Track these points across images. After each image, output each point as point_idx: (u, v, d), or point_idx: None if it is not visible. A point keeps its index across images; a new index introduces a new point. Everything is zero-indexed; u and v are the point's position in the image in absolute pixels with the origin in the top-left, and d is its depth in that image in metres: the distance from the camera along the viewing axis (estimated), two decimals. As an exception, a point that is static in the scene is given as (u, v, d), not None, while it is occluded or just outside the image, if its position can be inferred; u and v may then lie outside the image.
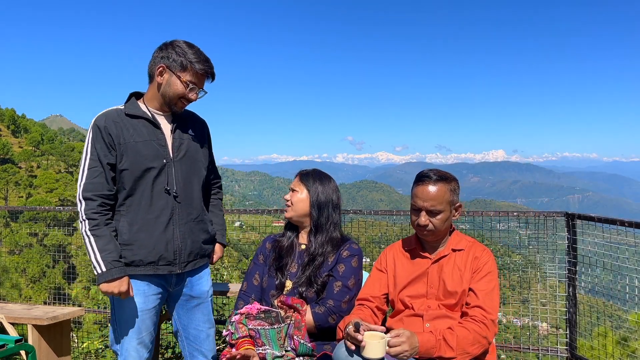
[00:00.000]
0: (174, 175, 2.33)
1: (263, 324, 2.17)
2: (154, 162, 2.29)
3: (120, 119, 2.30)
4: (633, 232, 3.20)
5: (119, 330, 2.37)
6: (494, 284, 2.17)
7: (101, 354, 5.00)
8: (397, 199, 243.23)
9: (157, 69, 2.28)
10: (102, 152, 2.26)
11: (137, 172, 2.27)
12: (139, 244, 2.27)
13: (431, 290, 2.23)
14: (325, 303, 2.26)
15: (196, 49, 2.29)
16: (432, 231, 2.22)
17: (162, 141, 2.33)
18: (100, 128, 2.27)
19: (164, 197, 2.31)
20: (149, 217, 2.29)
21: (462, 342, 1.99)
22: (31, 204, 67.17)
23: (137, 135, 2.29)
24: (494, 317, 2.10)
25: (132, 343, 2.33)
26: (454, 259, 2.25)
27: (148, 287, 2.35)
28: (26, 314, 3.77)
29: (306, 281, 2.31)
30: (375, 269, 2.41)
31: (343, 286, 2.30)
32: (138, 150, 2.27)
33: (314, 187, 2.41)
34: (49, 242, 7.32)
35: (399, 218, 4.52)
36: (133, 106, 2.35)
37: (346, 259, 2.34)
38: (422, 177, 2.22)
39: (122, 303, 2.32)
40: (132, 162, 2.27)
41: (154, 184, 2.30)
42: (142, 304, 2.33)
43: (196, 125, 2.50)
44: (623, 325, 4.19)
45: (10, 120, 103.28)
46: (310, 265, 2.33)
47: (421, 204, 2.19)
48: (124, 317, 2.34)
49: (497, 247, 5.32)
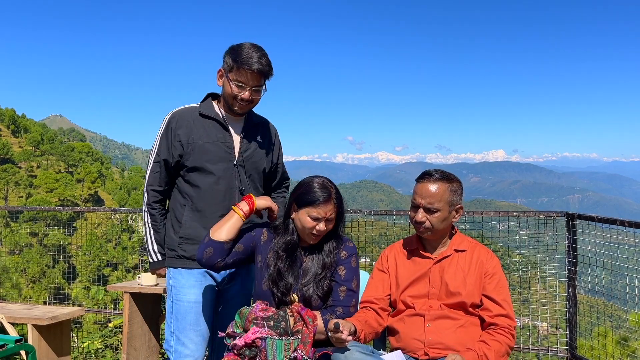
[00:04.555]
0: (240, 177, 2.41)
1: (272, 333, 2.07)
2: (219, 163, 2.37)
3: (193, 118, 2.40)
4: (633, 232, 3.20)
5: (175, 324, 2.40)
6: (507, 287, 2.24)
7: (101, 354, 5.00)
8: (397, 199, 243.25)
9: (218, 73, 2.37)
10: (163, 149, 2.40)
11: (204, 171, 2.36)
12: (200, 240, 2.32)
13: (433, 290, 2.24)
14: (334, 311, 2.21)
15: (249, 49, 2.28)
16: (429, 229, 2.23)
17: (229, 143, 2.40)
18: (170, 125, 2.40)
19: (228, 197, 2.38)
20: (214, 215, 2.35)
21: (497, 356, 2.07)
22: (31, 204, 67.19)
23: (206, 136, 2.38)
24: (515, 322, 2.20)
25: (189, 335, 2.37)
26: (457, 260, 2.26)
27: (204, 278, 2.42)
28: (26, 314, 3.77)
29: (314, 289, 2.22)
30: (377, 269, 2.41)
31: (348, 290, 2.25)
32: (206, 150, 2.36)
33: (343, 209, 2.30)
34: (49, 242, 7.33)
35: (399, 218, 4.52)
36: (207, 106, 2.44)
37: (345, 260, 2.29)
38: (425, 174, 2.26)
39: (179, 294, 2.39)
40: (200, 161, 2.36)
41: (219, 184, 2.37)
42: (199, 295, 2.39)
43: (266, 132, 2.56)
44: (623, 325, 4.19)
45: (10, 120, 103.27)
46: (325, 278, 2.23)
47: (420, 200, 2.22)
48: (181, 308, 2.39)
49: (497, 247, 5.32)
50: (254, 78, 2.28)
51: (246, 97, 2.32)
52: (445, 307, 2.20)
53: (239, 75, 2.27)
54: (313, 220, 2.17)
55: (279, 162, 2.67)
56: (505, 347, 2.12)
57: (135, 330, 3.79)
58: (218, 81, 2.40)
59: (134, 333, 3.78)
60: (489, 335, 2.13)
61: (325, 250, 2.27)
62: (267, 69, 2.29)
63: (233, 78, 2.29)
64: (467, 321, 2.19)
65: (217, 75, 2.39)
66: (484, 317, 2.19)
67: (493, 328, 2.15)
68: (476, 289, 2.20)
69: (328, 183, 2.23)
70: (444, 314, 2.19)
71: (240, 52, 2.27)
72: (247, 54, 2.26)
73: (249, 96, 2.32)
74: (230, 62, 2.29)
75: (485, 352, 2.06)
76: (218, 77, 2.39)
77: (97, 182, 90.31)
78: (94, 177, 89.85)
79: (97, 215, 7.36)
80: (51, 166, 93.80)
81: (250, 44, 2.31)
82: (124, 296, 3.78)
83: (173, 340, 2.40)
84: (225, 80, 2.34)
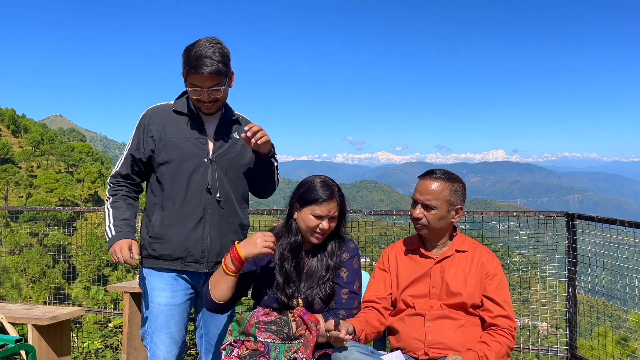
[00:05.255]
0: (211, 174, 2.35)
1: (274, 337, 2.07)
2: (191, 159, 2.33)
3: (166, 115, 2.37)
4: (633, 232, 3.20)
5: (148, 324, 2.40)
6: (508, 288, 2.24)
7: (101, 354, 5.00)
8: (397, 199, 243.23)
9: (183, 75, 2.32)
10: (133, 144, 2.37)
11: (173, 168, 2.32)
12: (169, 238, 2.31)
13: (434, 290, 2.24)
14: (337, 314, 2.19)
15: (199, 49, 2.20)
16: (425, 226, 2.24)
17: (202, 140, 2.36)
18: (143, 121, 2.38)
19: (198, 195, 2.33)
20: (182, 213, 2.32)
21: (498, 357, 2.08)
22: (31, 204, 67.17)
23: (179, 132, 2.34)
24: (516, 324, 2.20)
25: (160, 336, 2.36)
26: (458, 260, 2.26)
27: (176, 282, 2.38)
28: (26, 314, 3.77)
29: (317, 289, 2.21)
30: (378, 269, 2.41)
31: (350, 292, 2.24)
32: (177, 146, 2.32)
33: (345, 205, 2.28)
34: (49, 242, 7.34)
35: (399, 218, 4.52)
36: (181, 103, 2.40)
37: (347, 262, 2.27)
38: (427, 172, 2.28)
39: (150, 296, 2.37)
40: (170, 157, 2.32)
41: (190, 181, 2.32)
42: (169, 298, 2.36)
43: (242, 129, 2.46)
44: (623, 325, 4.19)
45: (10, 120, 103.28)
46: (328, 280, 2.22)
47: (418, 196, 2.24)
48: (153, 311, 2.37)
49: (497, 247, 5.32)
50: (208, 79, 2.21)
51: (205, 99, 2.27)
52: (446, 307, 2.20)
53: (194, 79, 2.23)
54: (316, 218, 2.16)
55: None
56: (506, 348, 2.12)
57: (135, 330, 3.79)
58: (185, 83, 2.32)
59: (134, 333, 3.78)
60: (490, 336, 2.13)
61: (328, 251, 2.25)
62: (219, 67, 2.19)
63: (189, 82, 2.25)
64: (468, 321, 2.20)
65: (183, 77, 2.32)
66: (484, 317, 2.19)
67: (494, 329, 2.15)
68: (477, 290, 2.20)
69: (330, 181, 2.23)
70: (444, 314, 2.19)
71: (191, 55, 2.21)
72: (196, 56, 2.19)
73: (207, 98, 2.27)
74: (184, 65, 2.25)
75: (485, 353, 2.06)
76: (184, 80, 2.31)
77: (97, 182, 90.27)
78: (94, 177, 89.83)
79: (97, 215, 7.36)
80: (51, 166, 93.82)
81: (204, 40, 2.23)
82: (124, 296, 3.78)
83: (147, 339, 2.42)
84: (186, 83, 2.29)
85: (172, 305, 2.36)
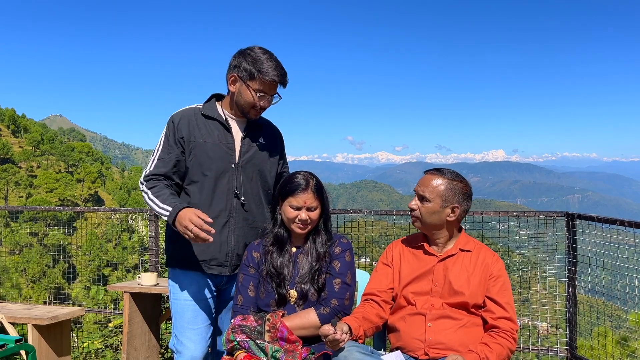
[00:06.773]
0: (237, 179, 2.38)
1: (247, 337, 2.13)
2: (218, 163, 2.35)
3: (195, 118, 2.40)
4: (633, 232, 3.20)
5: (175, 323, 2.42)
6: (511, 291, 2.26)
7: (101, 354, 5.00)
8: (397, 198, 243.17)
9: (230, 78, 2.34)
10: (165, 147, 2.38)
11: (201, 171, 2.36)
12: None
13: (436, 288, 2.24)
14: (329, 303, 2.25)
15: (267, 57, 2.28)
16: (417, 218, 2.28)
17: (230, 145, 2.39)
18: (172, 123, 2.39)
19: (224, 199, 2.37)
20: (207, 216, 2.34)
21: (499, 359, 2.08)
22: (31, 204, 67.18)
23: (208, 136, 2.37)
24: (518, 326, 2.22)
25: (187, 333, 2.37)
26: (462, 259, 2.26)
27: (202, 278, 2.42)
28: (26, 314, 3.78)
29: (310, 282, 2.28)
30: (381, 263, 2.42)
31: (342, 283, 2.29)
32: (206, 150, 2.35)
33: (326, 200, 2.36)
34: (49, 242, 7.34)
35: (399, 218, 4.52)
36: (210, 107, 2.43)
37: (339, 255, 2.34)
38: (434, 168, 2.32)
39: (177, 293, 2.41)
40: (198, 161, 2.36)
41: (216, 185, 2.36)
42: (197, 292, 2.40)
43: (268, 134, 2.53)
44: (623, 325, 4.19)
45: (10, 120, 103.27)
46: (319, 271, 2.29)
47: (417, 188, 2.30)
48: (179, 307, 2.40)
49: (497, 247, 5.32)
50: (274, 87, 2.31)
51: (266, 105, 2.34)
52: (447, 307, 2.20)
53: (262, 85, 2.27)
54: (294, 209, 2.26)
55: (284, 168, 2.64)
56: (507, 350, 2.12)
57: (135, 330, 3.79)
58: (231, 86, 2.35)
59: (134, 333, 3.79)
60: (491, 338, 2.13)
61: (317, 242, 2.34)
62: (286, 79, 2.33)
63: (255, 87, 2.28)
64: (469, 321, 2.19)
65: (229, 79, 2.34)
66: (486, 318, 2.19)
67: (495, 331, 2.16)
68: (479, 290, 2.21)
69: (308, 175, 2.32)
70: (445, 314, 2.19)
71: (260, 61, 2.26)
72: (268, 64, 2.26)
73: (268, 105, 2.34)
74: (250, 70, 2.26)
75: (487, 355, 2.06)
76: (231, 82, 2.34)
77: (97, 182, 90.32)
78: (94, 177, 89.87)
79: (97, 215, 7.36)
80: (51, 166, 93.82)
81: (262, 50, 2.30)
82: (124, 296, 3.78)
83: (175, 340, 2.43)
84: (242, 88, 2.30)
85: (198, 299, 2.41)
